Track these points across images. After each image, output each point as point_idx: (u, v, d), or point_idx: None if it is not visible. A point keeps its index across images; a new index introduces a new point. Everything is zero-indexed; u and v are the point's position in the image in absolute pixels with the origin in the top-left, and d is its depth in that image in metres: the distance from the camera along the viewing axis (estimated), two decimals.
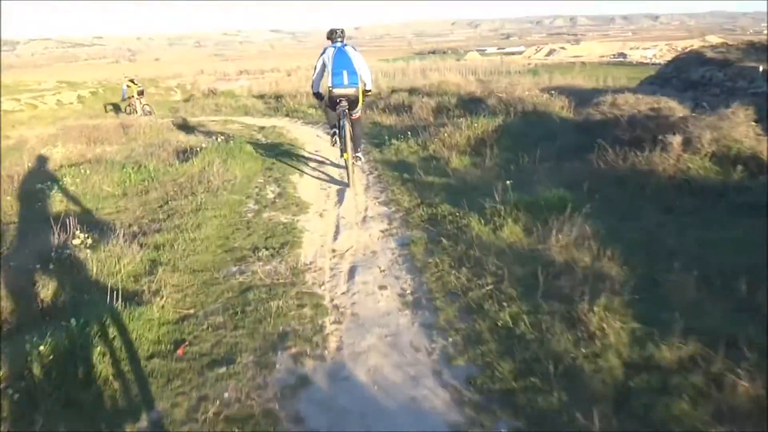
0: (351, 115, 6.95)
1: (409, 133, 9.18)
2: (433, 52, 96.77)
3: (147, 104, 19.75)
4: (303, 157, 9.05)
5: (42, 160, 8.79)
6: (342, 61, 6.75)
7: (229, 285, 4.24)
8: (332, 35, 7.03)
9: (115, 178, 7.48)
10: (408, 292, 4.01)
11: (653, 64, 51.40)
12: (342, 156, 7.09)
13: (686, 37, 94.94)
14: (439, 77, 21.50)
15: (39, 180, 7.19)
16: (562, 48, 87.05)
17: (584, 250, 3.98)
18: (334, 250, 4.95)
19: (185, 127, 14.05)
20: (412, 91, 14.52)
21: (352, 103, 6.87)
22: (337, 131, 7.06)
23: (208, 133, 12.25)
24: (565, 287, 3.56)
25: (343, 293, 4.07)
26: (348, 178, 7.07)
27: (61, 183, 7.05)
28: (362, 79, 6.90)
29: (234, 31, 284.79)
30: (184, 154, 8.98)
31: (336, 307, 3.87)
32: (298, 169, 8.13)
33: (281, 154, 9.21)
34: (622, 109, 7.65)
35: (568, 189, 5.18)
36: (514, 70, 39.51)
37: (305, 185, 7.29)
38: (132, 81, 20.01)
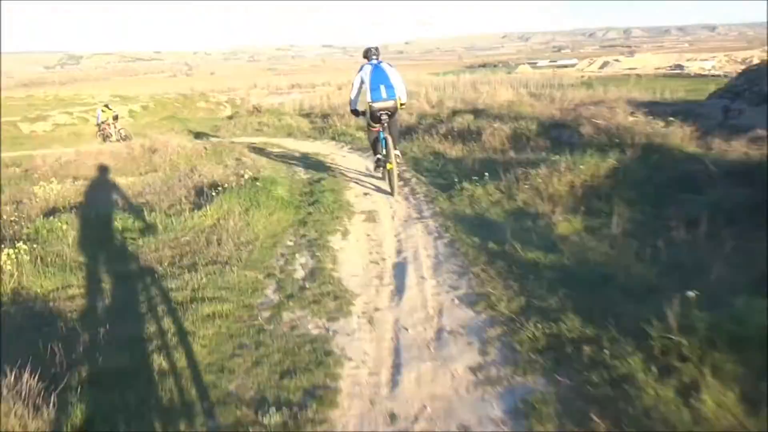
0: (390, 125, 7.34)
1: (484, 172, 7.05)
2: (484, 66, 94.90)
3: (122, 128, 19.57)
4: (349, 203, 7.02)
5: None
6: (379, 77, 7.26)
7: None
8: (368, 53, 7.63)
9: (98, 236, 5.57)
10: None
11: (712, 75, 48.57)
12: (386, 167, 7.48)
13: (746, 47, 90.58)
14: (489, 90, 20.49)
15: None
16: (616, 60, 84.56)
17: None
18: (393, 415, 2.86)
19: (218, 152, 12.26)
20: (477, 113, 12.30)
21: (392, 115, 7.33)
22: (379, 144, 7.46)
23: (240, 162, 10.41)
24: None
25: None
26: (391, 187, 7.35)
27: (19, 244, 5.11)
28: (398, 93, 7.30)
29: (287, 45, 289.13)
30: (204, 194, 7.13)
31: None
32: (342, 225, 6.10)
33: (321, 197, 7.22)
34: None
35: None
36: (567, 83, 37.03)
37: (349, 254, 5.23)
38: (107, 106, 19.94)
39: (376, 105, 7.18)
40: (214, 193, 6.83)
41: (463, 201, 6.39)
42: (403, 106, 7.62)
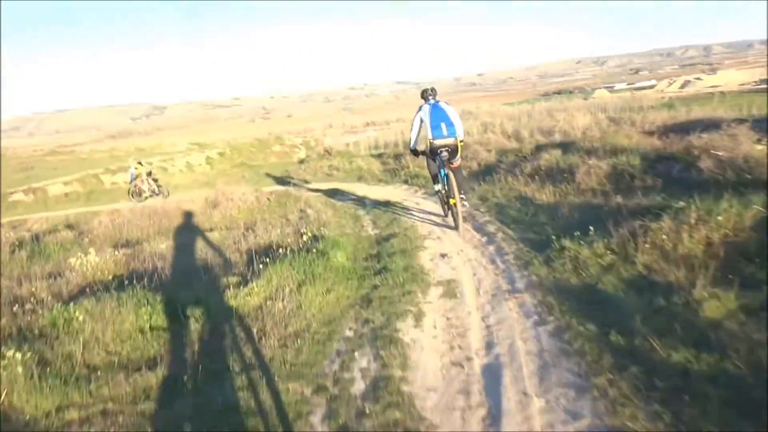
0: (452, 163, 7.40)
1: (586, 224, 5.72)
2: (559, 93, 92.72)
3: (157, 185, 18.96)
4: (422, 270, 5.83)
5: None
6: (439, 115, 7.37)
7: None
8: (425, 94, 7.75)
9: (125, 324, 4.63)
10: None
11: None
12: (449, 203, 7.63)
13: None
14: (566, 117, 20.41)
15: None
16: (698, 78, 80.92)
17: None
18: None
19: (282, 203, 11.48)
20: (566, 147, 10.93)
21: (452, 152, 7.38)
22: (440, 181, 7.61)
23: (304, 215, 9.53)
24: None
25: None
26: (456, 223, 7.43)
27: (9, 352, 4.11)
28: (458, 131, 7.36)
29: (360, 84, 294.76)
30: (258, 259, 6.20)
31: None
32: (414, 303, 4.90)
33: (390, 261, 6.08)
34: None
35: None
36: (647, 106, 34.72)
37: (424, 351, 4.01)
38: (140, 163, 19.20)
39: (437, 142, 7.28)
40: (264, 263, 5.86)
41: (566, 266, 5.07)
42: (462, 144, 7.56)
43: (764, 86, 59.96)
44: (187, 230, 9.40)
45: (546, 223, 6.62)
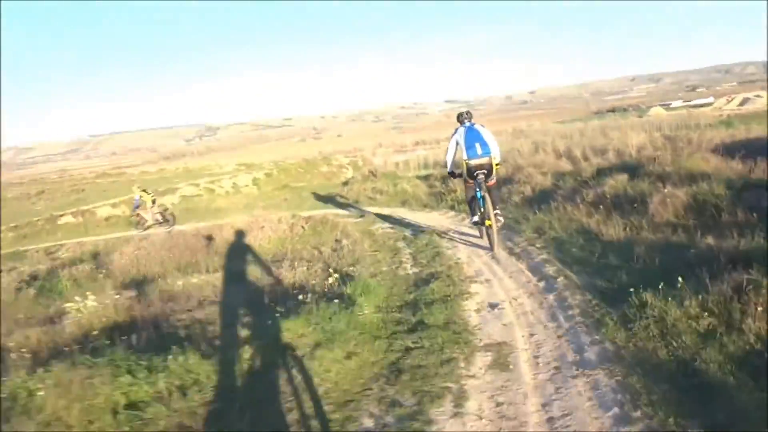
0: (488, 181, 7.40)
1: (671, 271, 4.60)
2: (613, 111, 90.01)
3: (163, 212, 18.06)
4: (466, 325, 4.79)
5: None
6: (473, 136, 7.39)
7: None
8: (460, 117, 7.77)
9: (98, 399, 3.72)
10: None
11: None
12: (484, 224, 7.53)
13: None
14: (619, 135, 19.53)
15: None
16: (758, 96, 76.56)
17: None
18: None
19: (318, 232, 10.62)
20: (633, 171, 9.69)
21: (488, 172, 7.36)
22: (476, 202, 7.51)
23: (338, 247, 8.65)
24: None
25: None
26: (491, 244, 7.36)
27: None
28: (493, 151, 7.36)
29: (410, 104, 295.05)
30: (273, 307, 5.32)
31: None
32: (455, 377, 3.86)
33: (428, 313, 5.06)
34: None
35: None
36: (704, 123, 32.64)
37: None
38: (144, 191, 18.07)
39: (473, 162, 7.30)
40: (279, 313, 4.96)
41: (650, 330, 3.93)
42: (499, 166, 7.73)
43: None
44: (209, 263, 8.65)
45: (618, 266, 5.50)
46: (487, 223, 7.33)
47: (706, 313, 3.95)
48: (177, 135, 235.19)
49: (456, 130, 7.60)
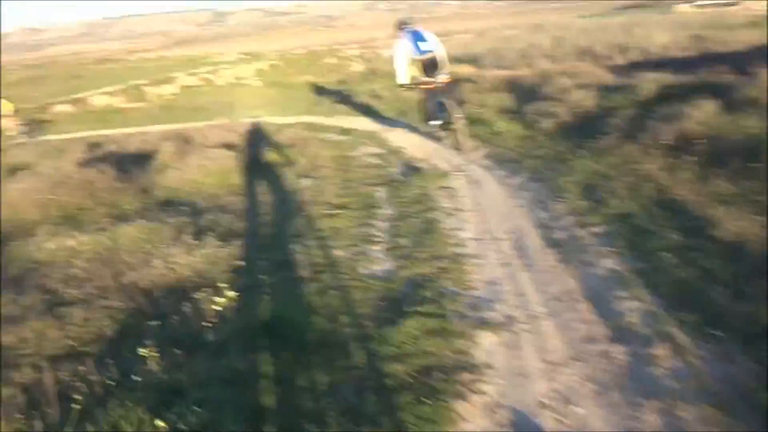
0: (442, 81, 7.33)
1: None
2: (636, 7, 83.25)
3: (29, 124, 14.88)
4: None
5: None
6: (420, 36, 7.37)
7: None
8: (401, 24, 7.77)
9: None
10: None
11: None
12: (449, 126, 7.39)
13: None
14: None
15: None
16: None
17: None
18: None
19: (285, 155, 7.81)
20: (720, 91, 6.40)
21: (439, 64, 7.30)
22: (436, 107, 7.47)
23: (295, 192, 5.92)
24: None
25: None
26: (458, 144, 7.26)
27: None
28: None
29: None
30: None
31: None
32: None
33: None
34: None
35: None
36: (736, 23, 27.06)
37: None
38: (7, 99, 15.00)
39: (426, 57, 7.26)
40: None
41: None
42: (448, 76, 7.53)
43: None
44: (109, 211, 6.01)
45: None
46: (452, 127, 7.32)
47: None
48: (187, 20, 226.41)
49: (398, 39, 7.55)
